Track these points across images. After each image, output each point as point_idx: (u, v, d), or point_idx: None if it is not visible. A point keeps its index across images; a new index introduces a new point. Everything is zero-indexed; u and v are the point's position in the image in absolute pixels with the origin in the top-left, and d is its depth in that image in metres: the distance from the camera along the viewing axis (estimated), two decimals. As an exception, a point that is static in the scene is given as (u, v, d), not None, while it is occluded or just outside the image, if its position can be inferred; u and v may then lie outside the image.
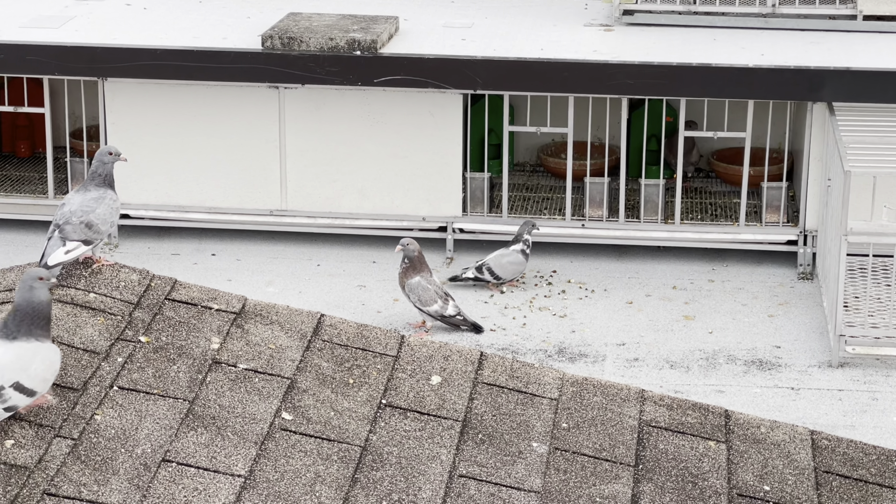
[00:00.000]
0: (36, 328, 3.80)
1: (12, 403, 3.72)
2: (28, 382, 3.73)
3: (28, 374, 3.74)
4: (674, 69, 10.58)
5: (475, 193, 11.16)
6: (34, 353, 3.76)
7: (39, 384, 3.76)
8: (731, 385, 9.25)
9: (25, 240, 11.17)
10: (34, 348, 3.77)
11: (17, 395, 3.71)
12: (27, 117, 12.03)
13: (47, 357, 3.79)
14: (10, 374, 3.71)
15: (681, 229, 11.02)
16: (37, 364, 3.76)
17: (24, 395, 3.73)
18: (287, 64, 10.69)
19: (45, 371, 3.78)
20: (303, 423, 4.08)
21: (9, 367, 3.72)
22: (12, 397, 3.71)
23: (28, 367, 3.75)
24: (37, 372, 3.75)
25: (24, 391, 3.72)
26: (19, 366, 3.74)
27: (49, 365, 3.78)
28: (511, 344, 9.75)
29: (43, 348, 3.79)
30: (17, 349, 3.77)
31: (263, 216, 11.17)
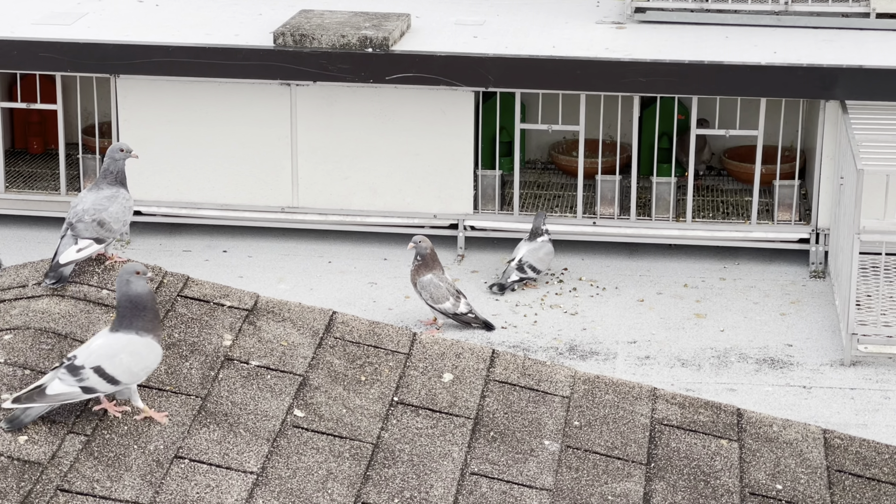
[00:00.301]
0: (138, 320, 3.97)
1: (90, 384, 3.86)
2: (111, 370, 3.88)
3: (112, 362, 3.89)
4: (686, 67, 10.57)
5: (486, 191, 11.16)
6: (126, 345, 3.93)
7: (124, 374, 3.90)
8: (743, 383, 9.25)
9: (38, 236, 11.19)
10: (127, 340, 3.94)
11: (97, 377, 3.86)
12: (39, 114, 12.05)
13: (137, 350, 3.94)
14: (94, 357, 3.89)
15: (692, 227, 11.01)
16: (123, 355, 3.91)
17: (104, 380, 3.87)
18: (299, 61, 10.69)
19: (133, 364, 3.93)
20: (315, 421, 4.08)
21: (96, 351, 3.90)
22: (90, 378, 3.86)
23: (115, 355, 3.90)
24: (121, 361, 3.90)
25: (104, 376, 3.87)
26: (106, 353, 3.91)
27: (138, 359, 3.94)
28: (522, 341, 9.75)
29: (136, 341, 3.95)
30: (111, 338, 3.95)
31: (275, 213, 11.18)
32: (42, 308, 4.34)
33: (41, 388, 3.82)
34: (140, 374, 3.94)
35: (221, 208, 11.21)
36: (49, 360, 4.10)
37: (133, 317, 3.96)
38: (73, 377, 3.84)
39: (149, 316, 3.98)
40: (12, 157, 12.13)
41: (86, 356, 3.90)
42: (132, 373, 3.92)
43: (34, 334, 4.19)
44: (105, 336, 3.97)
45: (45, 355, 4.11)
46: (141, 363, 3.94)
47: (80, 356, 3.89)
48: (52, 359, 4.10)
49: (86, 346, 3.95)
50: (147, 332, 3.96)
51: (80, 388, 3.84)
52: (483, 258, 11.00)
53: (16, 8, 11.82)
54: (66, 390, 3.83)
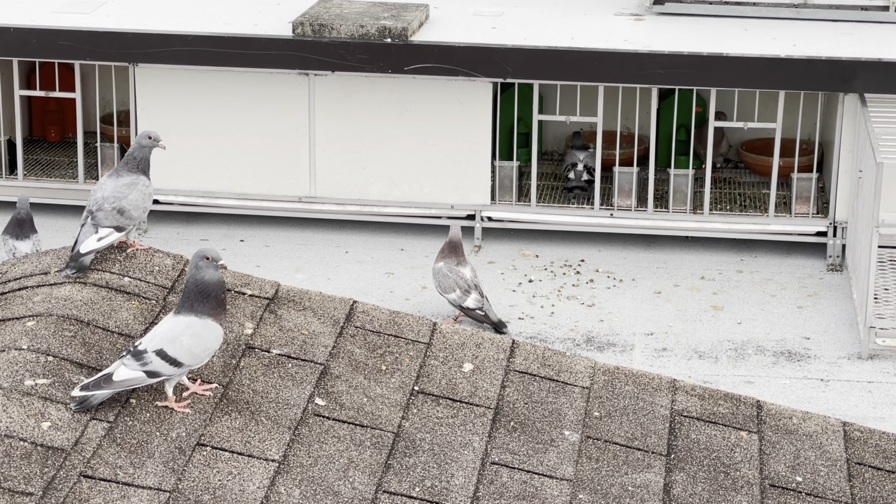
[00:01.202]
0: (200, 305, 4.04)
1: (154, 368, 3.94)
2: (172, 352, 3.96)
3: (174, 345, 3.97)
4: (704, 59, 10.55)
5: (504, 182, 11.17)
6: (186, 327, 4.00)
7: (186, 356, 3.97)
8: (760, 376, 9.24)
9: (56, 224, 11.22)
10: (188, 322, 4.02)
11: (160, 361, 3.94)
12: (57, 102, 12.07)
13: (198, 333, 4.01)
14: (156, 341, 3.97)
15: (710, 220, 11.00)
16: (185, 337, 3.99)
17: (167, 363, 3.96)
18: (318, 51, 10.70)
19: (194, 346, 4.00)
20: (336, 409, 4.10)
21: (158, 335, 3.99)
22: (153, 362, 3.94)
23: (176, 338, 3.98)
24: (183, 344, 3.97)
25: (167, 359, 3.95)
26: (168, 336, 3.99)
27: (199, 340, 4.01)
28: (539, 332, 9.76)
29: (198, 324, 4.03)
30: (172, 321, 4.03)
31: (292, 203, 11.20)
32: (64, 295, 4.36)
33: (108, 376, 3.90)
34: (202, 355, 4.01)
35: (239, 197, 11.23)
36: (71, 346, 4.12)
37: (196, 301, 4.03)
38: (137, 362, 3.93)
39: (212, 303, 4.04)
40: (30, 144, 12.15)
41: (149, 340, 3.98)
42: (194, 354, 3.99)
43: (56, 321, 4.21)
44: (168, 319, 4.05)
45: (68, 342, 4.13)
46: (202, 344, 4.00)
47: (143, 342, 3.98)
48: (74, 346, 4.12)
49: (150, 332, 4.03)
50: (209, 316, 4.03)
51: (143, 372, 3.92)
52: (500, 249, 11.00)
53: (35, -4, 11.84)
54: (131, 375, 3.92)
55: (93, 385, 3.89)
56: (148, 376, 3.93)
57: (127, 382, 3.91)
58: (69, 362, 4.06)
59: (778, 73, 10.52)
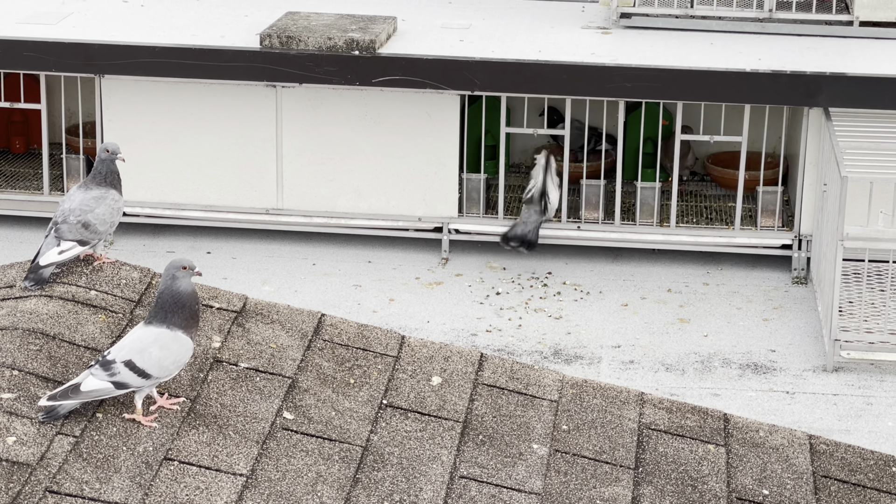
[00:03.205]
0: (174, 316, 4.01)
1: (122, 379, 3.91)
2: (141, 363, 3.93)
3: (143, 357, 3.94)
4: (671, 73, 10.59)
5: (471, 194, 11.17)
6: (156, 339, 3.97)
7: (154, 368, 3.94)
8: (727, 388, 9.27)
9: (20, 236, 11.16)
10: (158, 334, 3.98)
11: (128, 372, 3.91)
12: (22, 113, 12.01)
13: (168, 345, 3.98)
14: (125, 352, 3.94)
15: (676, 232, 11.03)
16: (154, 349, 3.95)
17: (135, 374, 3.93)
18: (285, 63, 10.69)
19: (163, 358, 3.97)
20: (304, 423, 4.08)
21: (127, 346, 3.96)
22: (121, 373, 3.91)
23: (145, 349, 3.95)
24: (151, 355, 3.94)
25: (135, 370, 3.92)
26: (137, 347, 3.96)
27: (168, 353, 3.97)
28: (507, 345, 9.76)
29: (167, 336, 3.99)
30: (142, 332, 4.00)
31: (259, 215, 11.17)
32: (30, 309, 4.33)
33: (76, 386, 3.87)
34: (171, 367, 3.98)
35: (205, 209, 11.19)
36: (37, 360, 4.09)
37: (169, 312, 4.00)
38: (105, 372, 3.90)
39: (185, 314, 4.02)
40: (-5, 156, 12.10)
41: (118, 350, 3.95)
42: (162, 366, 3.96)
43: (22, 335, 4.18)
44: (138, 330, 4.02)
45: (34, 356, 4.10)
46: (171, 357, 3.97)
47: (112, 352, 3.94)
48: (40, 359, 4.10)
49: (120, 343, 4.00)
50: (179, 327, 4.00)
51: (111, 383, 3.90)
52: (467, 261, 11.01)
53: (0, 7, 11.78)
54: (99, 386, 3.89)
55: (60, 395, 3.86)
56: (116, 387, 3.90)
57: (95, 393, 3.88)
58: (35, 376, 4.03)
59: (743, 87, 10.56)
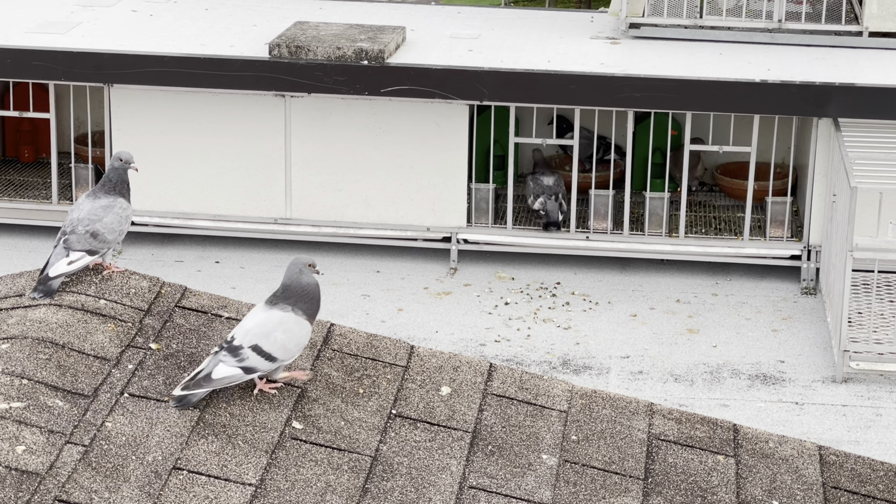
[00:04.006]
0: (299, 302, 4.15)
1: (250, 364, 4.02)
2: (267, 347, 4.04)
3: (268, 340, 4.05)
4: (680, 83, 10.59)
5: (480, 204, 11.17)
6: (279, 323, 4.08)
7: (279, 350, 4.06)
8: (736, 399, 9.26)
9: (29, 245, 11.17)
10: (281, 318, 4.10)
11: (256, 356, 4.03)
12: (31, 122, 12.04)
13: (291, 328, 4.10)
14: (251, 337, 4.05)
15: (685, 243, 11.02)
16: (278, 333, 4.06)
17: (262, 358, 4.04)
18: (294, 72, 10.70)
19: (287, 340, 4.08)
20: (313, 433, 4.08)
21: (252, 331, 4.06)
22: (249, 357, 4.02)
23: (270, 333, 4.06)
24: (277, 339, 4.06)
25: (262, 354, 4.03)
26: (261, 331, 4.06)
27: (291, 336, 4.09)
28: (516, 355, 9.75)
29: (290, 319, 4.11)
30: (266, 316, 4.10)
31: (268, 224, 11.18)
32: (39, 318, 4.33)
33: (207, 375, 3.97)
34: (294, 350, 4.09)
35: (214, 219, 11.20)
36: (46, 369, 4.09)
37: (296, 298, 4.13)
38: (234, 358, 3.99)
39: (311, 304, 4.16)
40: (3, 165, 12.11)
41: (242, 336, 4.04)
42: (286, 349, 4.06)
43: (31, 344, 4.18)
44: (259, 312, 4.11)
45: (43, 365, 4.10)
46: (293, 340, 4.08)
47: (237, 337, 4.03)
48: (49, 368, 4.10)
49: (241, 327, 4.08)
50: (303, 313, 4.12)
51: (240, 368, 4.00)
52: (476, 271, 11.00)
53: (10, 16, 11.81)
54: (230, 373, 4.00)
55: (193, 384, 3.95)
56: (245, 372, 4.00)
57: (226, 380, 3.99)
58: (44, 385, 4.03)
59: (753, 98, 10.56)
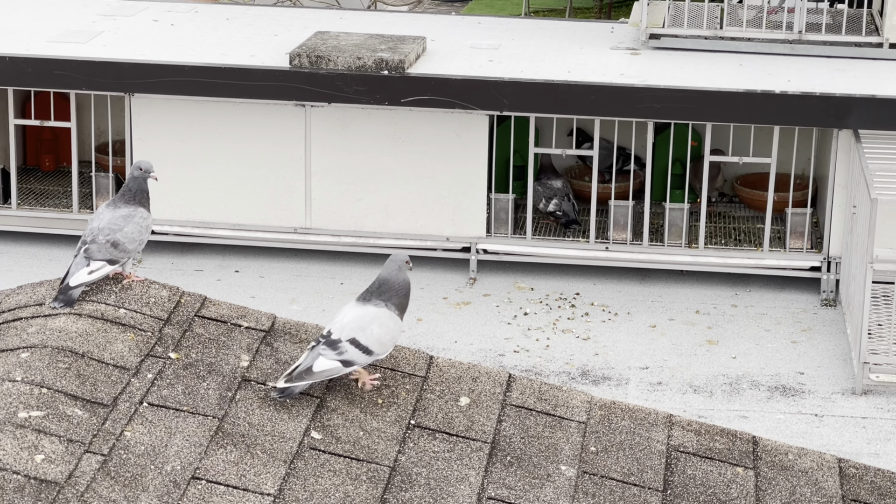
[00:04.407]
0: (393, 297, 4.31)
1: (349, 357, 4.17)
2: (364, 340, 4.19)
3: (365, 334, 4.20)
4: (700, 94, 10.57)
5: (499, 214, 11.17)
6: (375, 317, 4.25)
7: (375, 344, 4.21)
8: (755, 411, 9.23)
9: (49, 254, 11.20)
10: (376, 313, 4.26)
11: (354, 349, 4.18)
12: (52, 131, 12.07)
13: (386, 323, 4.26)
14: (348, 331, 4.20)
15: (704, 254, 11.00)
16: (374, 326, 4.22)
17: (360, 351, 4.19)
18: (314, 82, 10.71)
19: (382, 335, 4.24)
20: (332, 443, 4.07)
21: (349, 325, 4.22)
22: (348, 351, 4.16)
23: (366, 327, 4.22)
24: (373, 333, 4.22)
25: (360, 347, 4.19)
26: (358, 325, 4.22)
27: (387, 330, 4.25)
28: (535, 366, 9.74)
29: (385, 314, 4.26)
30: (362, 311, 4.27)
31: (287, 234, 11.19)
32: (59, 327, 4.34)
33: (308, 368, 4.09)
34: (388, 344, 4.22)
35: (234, 228, 11.22)
36: (66, 378, 4.09)
37: (391, 294, 4.28)
38: (333, 352, 4.12)
39: (403, 300, 4.30)
40: (24, 174, 12.14)
41: (339, 330, 4.17)
42: (382, 343, 4.20)
43: (51, 353, 4.19)
44: (355, 308, 4.25)
45: (62, 374, 4.10)
46: (389, 334, 4.23)
47: (334, 331, 4.16)
48: (69, 377, 4.10)
49: (338, 321, 4.21)
50: (395, 308, 4.27)
51: (339, 361, 4.13)
52: (495, 282, 10.99)
53: (31, 25, 11.85)
54: (329, 366, 4.12)
55: (295, 377, 4.08)
56: (343, 365, 4.12)
57: (326, 373, 4.11)
58: (63, 394, 4.03)
59: (773, 109, 10.54)
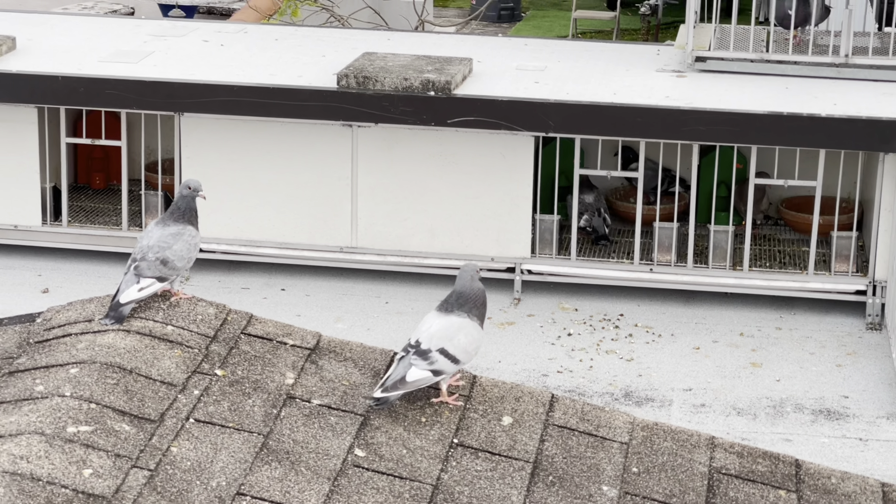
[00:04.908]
0: (474, 308, 4.50)
1: (438, 367, 4.33)
2: (452, 350, 4.37)
3: (452, 343, 4.38)
4: (745, 117, 10.55)
5: (544, 235, 11.17)
6: (460, 327, 4.40)
7: (462, 354, 4.39)
8: (799, 434, 9.18)
9: (98, 270, 11.28)
10: (461, 323, 4.45)
11: (443, 359, 4.35)
12: (103, 149, 12.16)
13: (470, 333, 4.45)
14: (436, 341, 4.37)
15: (749, 276, 10.96)
16: (461, 336, 4.41)
17: (448, 360, 4.36)
18: (361, 103, 10.76)
19: (468, 344, 4.42)
20: (375, 460, 4.09)
21: (436, 335, 4.39)
22: (438, 361, 4.33)
23: (453, 337, 4.40)
24: (460, 342, 4.40)
25: (448, 357, 4.35)
26: (446, 335, 4.40)
27: (471, 340, 4.45)
28: (578, 386, 9.73)
29: (469, 324, 4.44)
30: (447, 321, 4.45)
31: (334, 253, 11.23)
32: (108, 343, 4.38)
33: (401, 378, 4.24)
34: (472, 353, 4.39)
35: (280, 247, 11.27)
36: (114, 394, 4.13)
37: (471, 305, 4.44)
38: (424, 362, 4.27)
39: (482, 309, 4.47)
40: (75, 191, 12.24)
41: (428, 340, 4.32)
42: (467, 352, 4.36)
43: (100, 369, 4.23)
44: (439, 319, 4.42)
45: (111, 390, 4.14)
46: (473, 344, 4.40)
47: (423, 341, 4.31)
48: (117, 393, 4.14)
49: (425, 331, 4.36)
50: (475, 318, 4.43)
51: (430, 371, 4.29)
52: (539, 302, 10.99)
53: (84, 45, 11.96)
54: (421, 375, 4.28)
55: (390, 387, 4.21)
56: (433, 375, 4.26)
57: (417, 383, 4.26)
58: (112, 409, 4.07)
59: (818, 132, 10.50)
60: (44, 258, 11.50)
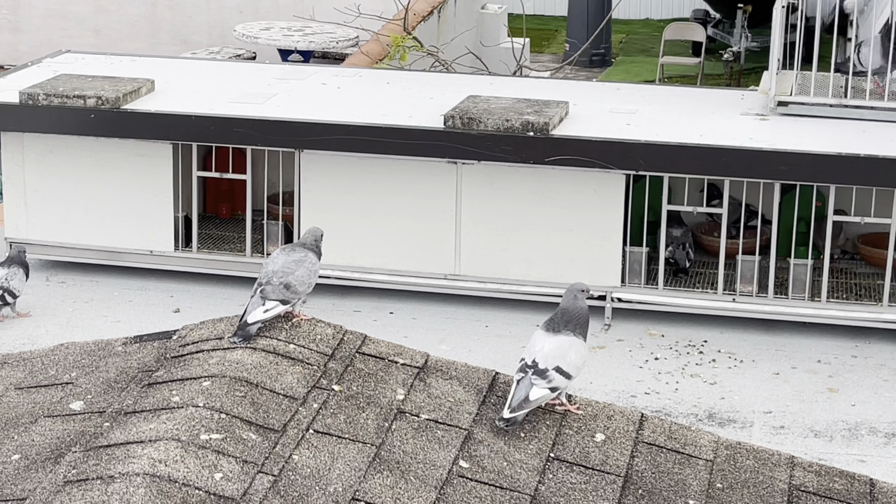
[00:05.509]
0: (577, 326, 4.50)
1: (556, 385, 4.41)
2: (566, 367, 4.45)
3: (566, 361, 4.46)
4: (824, 158, 10.47)
5: (633, 266, 11.15)
6: (570, 345, 4.48)
7: (573, 370, 4.49)
8: (873, 455, 9.07)
9: (224, 293, 11.44)
10: (570, 341, 4.49)
11: (559, 376, 4.44)
12: (229, 182, 12.35)
13: (579, 350, 4.51)
14: (551, 360, 4.44)
15: (826, 307, 10.86)
16: (571, 354, 4.47)
17: (563, 377, 4.43)
18: (466, 142, 10.83)
19: (578, 360, 4.52)
20: (478, 472, 4.13)
21: (551, 354, 4.46)
22: (555, 378, 4.41)
23: (566, 355, 4.48)
24: (571, 360, 4.48)
25: (563, 374, 4.43)
26: (559, 353, 4.48)
27: (581, 356, 4.52)
28: (664, 407, 9.70)
29: (577, 342, 4.51)
30: (558, 341, 4.51)
31: (438, 279, 11.29)
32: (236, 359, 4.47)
33: (525, 397, 4.31)
34: (581, 368, 4.48)
35: (390, 273, 11.36)
36: (242, 405, 4.21)
37: (575, 323, 4.50)
38: (543, 381, 4.34)
39: (585, 327, 4.53)
40: (204, 220, 12.43)
41: (544, 360, 4.38)
42: (577, 368, 4.46)
43: (229, 382, 4.32)
44: (549, 338, 4.49)
45: (239, 401, 4.23)
46: (582, 360, 4.49)
47: (540, 361, 4.38)
48: (244, 405, 4.22)
49: (539, 351, 4.42)
50: (581, 335, 4.50)
51: (549, 389, 4.37)
52: (628, 328, 10.97)
53: (215, 88, 12.17)
54: (542, 394, 4.36)
55: (517, 407, 4.27)
56: (551, 392, 4.33)
57: (539, 400, 4.33)
58: (239, 420, 4.16)
59: (893, 173, 10.39)
60: (175, 281, 11.70)
